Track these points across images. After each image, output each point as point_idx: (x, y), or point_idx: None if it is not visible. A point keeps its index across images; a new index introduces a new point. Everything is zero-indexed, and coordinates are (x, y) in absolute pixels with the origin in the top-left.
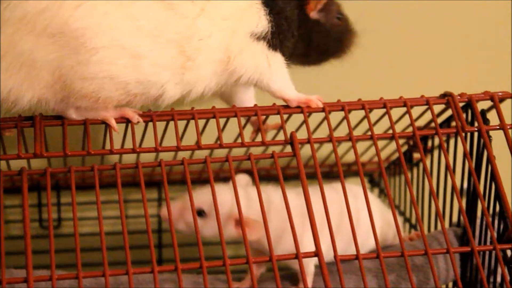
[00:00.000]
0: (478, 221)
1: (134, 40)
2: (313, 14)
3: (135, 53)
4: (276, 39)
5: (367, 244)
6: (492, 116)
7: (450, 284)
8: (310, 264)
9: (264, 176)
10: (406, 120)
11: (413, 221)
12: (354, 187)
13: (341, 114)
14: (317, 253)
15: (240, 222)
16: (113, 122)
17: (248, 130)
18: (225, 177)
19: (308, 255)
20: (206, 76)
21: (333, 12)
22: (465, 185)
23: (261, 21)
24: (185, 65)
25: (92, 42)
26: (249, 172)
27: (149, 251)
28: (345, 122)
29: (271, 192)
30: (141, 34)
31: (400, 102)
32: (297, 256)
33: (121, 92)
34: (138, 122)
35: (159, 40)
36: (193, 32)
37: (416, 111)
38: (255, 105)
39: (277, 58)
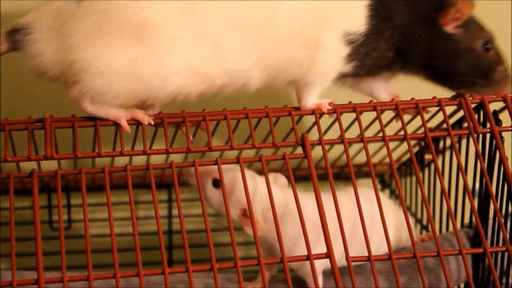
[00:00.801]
0: (490, 222)
1: (215, 30)
2: (448, 28)
3: (216, 42)
4: (364, 47)
5: (382, 248)
6: (504, 117)
7: (462, 286)
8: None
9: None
10: (417, 121)
11: (425, 222)
12: (369, 191)
13: (353, 115)
14: (329, 255)
15: (246, 214)
16: (124, 123)
17: (259, 132)
18: None
19: (319, 256)
20: (288, 62)
21: (476, 35)
22: (477, 186)
23: (358, 22)
24: (266, 51)
25: (171, 35)
26: (259, 173)
27: (159, 252)
28: (356, 123)
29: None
30: (222, 24)
31: (411, 103)
32: (309, 257)
33: (207, 86)
34: (149, 124)
35: (241, 29)
36: (277, 19)
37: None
38: (266, 107)
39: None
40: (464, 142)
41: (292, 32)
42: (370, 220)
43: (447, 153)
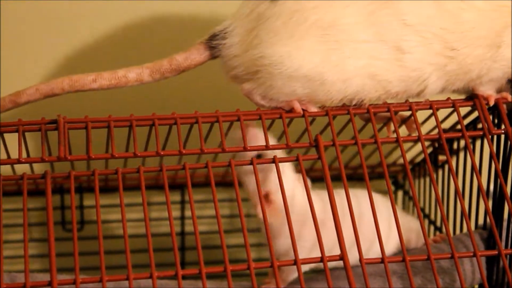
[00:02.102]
0: (504, 223)
1: (399, 34)
2: None
3: (398, 47)
4: None
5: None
6: None
7: (476, 287)
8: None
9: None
10: (431, 122)
11: (438, 223)
12: (360, 192)
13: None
14: (342, 256)
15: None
16: (297, 105)
17: (272, 133)
18: None
19: (333, 258)
20: (468, 66)
21: None
22: (492, 187)
23: None
24: (447, 56)
25: (356, 37)
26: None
27: (172, 254)
28: (369, 124)
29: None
30: (405, 29)
31: (426, 104)
32: (322, 259)
33: (381, 92)
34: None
35: (425, 35)
36: (459, 25)
37: (442, 113)
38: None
39: None
40: (478, 143)
41: (478, 33)
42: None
43: (461, 154)
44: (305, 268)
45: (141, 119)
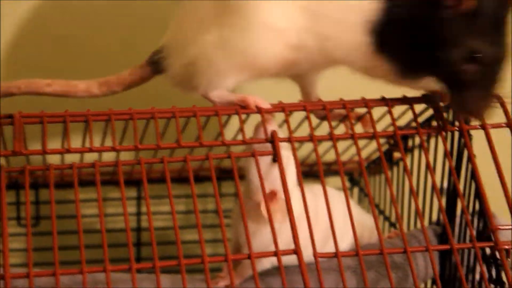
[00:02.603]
0: (457, 219)
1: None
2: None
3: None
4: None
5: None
6: None
7: (429, 282)
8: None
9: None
10: (386, 119)
11: (393, 219)
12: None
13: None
14: (296, 251)
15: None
16: (251, 100)
17: (229, 129)
18: (204, 176)
19: (287, 252)
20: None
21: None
22: (445, 184)
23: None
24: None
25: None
26: (229, 171)
27: (128, 249)
28: (325, 121)
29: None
30: None
31: (381, 101)
32: (276, 253)
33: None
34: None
35: None
36: None
37: (397, 110)
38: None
39: None
40: (433, 140)
41: None
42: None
43: (416, 151)
44: (266, 264)
45: (97, 114)
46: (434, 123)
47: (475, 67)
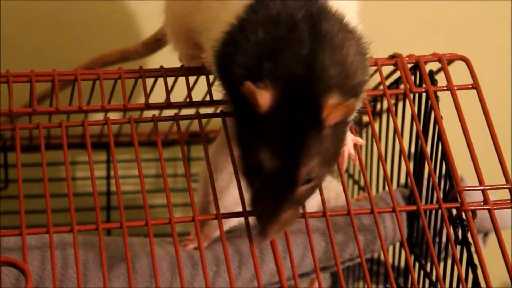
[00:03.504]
0: (425, 182)
1: None
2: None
3: None
4: None
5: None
6: (442, 78)
7: (398, 245)
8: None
9: (213, 138)
10: None
11: (362, 183)
12: None
13: None
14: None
15: None
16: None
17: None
18: (174, 139)
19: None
20: None
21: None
22: (413, 148)
23: None
24: None
25: None
26: (198, 134)
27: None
28: None
29: None
30: None
31: None
32: (244, 214)
33: None
34: None
35: None
36: None
37: None
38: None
39: None
40: (400, 104)
41: None
42: None
43: (384, 116)
44: (233, 222)
45: (63, 74)
46: (402, 86)
47: (257, 181)
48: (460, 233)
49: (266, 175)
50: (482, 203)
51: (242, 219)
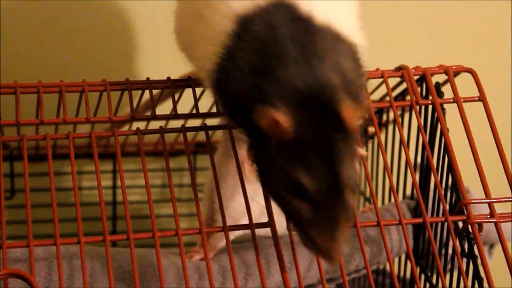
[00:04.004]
0: (431, 193)
1: None
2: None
3: None
4: None
5: None
6: (449, 90)
7: (403, 257)
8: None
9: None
10: None
11: (368, 194)
12: None
13: None
14: (270, 223)
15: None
16: None
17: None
18: (180, 150)
19: (260, 225)
20: None
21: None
22: (419, 159)
23: None
24: None
25: None
26: (204, 144)
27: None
28: None
29: None
30: None
31: None
32: (250, 226)
33: None
34: None
35: None
36: None
37: (371, 84)
38: None
39: None
40: (407, 115)
41: None
42: None
43: (391, 126)
44: (239, 231)
45: (70, 85)
46: (408, 97)
47: (303, 204)
48: (466, 245)
49: (310, 196)
50: (488, 216)
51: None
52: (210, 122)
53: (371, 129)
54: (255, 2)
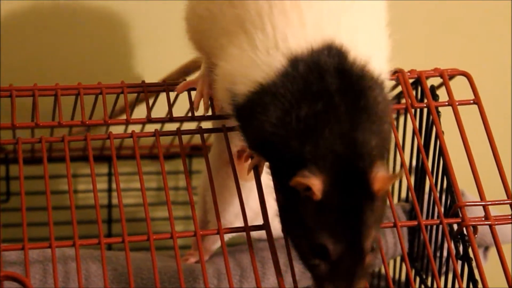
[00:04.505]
0: (426, 196)
1: None
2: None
3: None
4: None
5: None
6: (444, 93)
7: (398, 259)
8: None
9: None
10: None
11: None
12: None
13: None
14: (265, 226)
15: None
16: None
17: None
18: (176, 152)
19: (255, 228)
20: None
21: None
22: (414, 162)
23: None
24: None
25: None
26: (199, 148)
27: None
28: None
29: None
30: None
31: None
32: (245, 229)
33: None
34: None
35: None
36: None
37: None
38: None
39: None
40: (402, 118)
41: None
42: None
43: None
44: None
45: (66, 88)
46: (403, 101)
47: (323, 263)
48: (461, 248)
49: (331, 259)
50: (483, 219)
51: None
52: (206, 125)
53: None
54: (309, 42)
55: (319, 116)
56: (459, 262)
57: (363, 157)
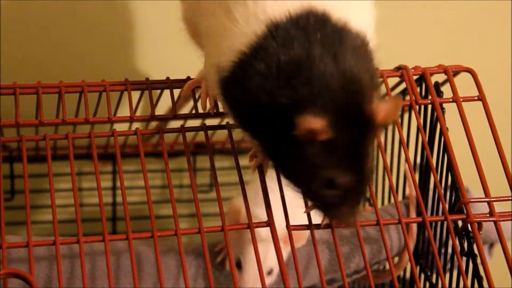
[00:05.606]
0: (430, 193)
1: None
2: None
3: None
4: None
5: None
6: (448, 90)
7: None
8: None
9: (219, 149)
10: None
11: (367, 194)
12: None
13: None
14: (269, 223)
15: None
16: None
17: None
18: (180, 150)
19: (260, 225)
20: None
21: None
22: (419, 159)
23: None
24: None
25: None
26: (204, 145)
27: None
28: None
29: None
30: None
31: None
32: (249, 226)
33: None
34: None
35: None
36: None
37: None
38: None
39: None
40: (406, 115)
41: None
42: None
43: (390, 126)
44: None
45: (69, 86)
46: (407, 97)
47: (334, 192)
48: (466, 244)
49: (341, 188)
50: (488, 215)
51: None
52: (210, 122)
53: None
54: (287, 9)
55: (306, 60)
56: (464, 258)
57: (360, 91)
